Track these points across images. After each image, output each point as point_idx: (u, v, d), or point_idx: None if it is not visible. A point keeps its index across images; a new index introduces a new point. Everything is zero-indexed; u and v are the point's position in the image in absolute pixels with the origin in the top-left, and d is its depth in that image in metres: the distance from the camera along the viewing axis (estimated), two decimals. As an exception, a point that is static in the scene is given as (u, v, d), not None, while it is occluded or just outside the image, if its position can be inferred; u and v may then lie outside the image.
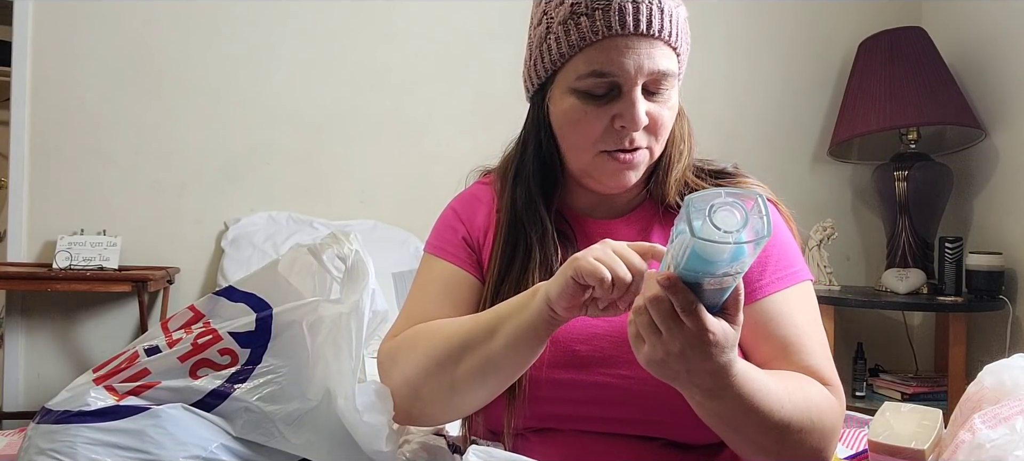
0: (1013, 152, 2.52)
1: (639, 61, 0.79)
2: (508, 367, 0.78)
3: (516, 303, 0.78)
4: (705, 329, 0.61)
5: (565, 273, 0.72)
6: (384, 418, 0.78)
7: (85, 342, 2.66)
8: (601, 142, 0.83)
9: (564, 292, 0.71)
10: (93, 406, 0.74)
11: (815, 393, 0.78)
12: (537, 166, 0.90)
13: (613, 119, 0.81)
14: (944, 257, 2.49)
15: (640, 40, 0.79)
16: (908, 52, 2.59)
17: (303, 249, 0.86)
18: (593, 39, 0.79)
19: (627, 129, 0.81)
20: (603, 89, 0.81)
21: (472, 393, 0.80)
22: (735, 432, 0.73)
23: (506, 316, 0.78)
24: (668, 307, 0.62)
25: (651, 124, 0.83)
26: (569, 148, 0.87)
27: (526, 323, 0.75)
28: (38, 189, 2.63)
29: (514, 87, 0.97)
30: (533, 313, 0.75)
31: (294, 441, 0.79)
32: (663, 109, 0.83)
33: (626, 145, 0.82)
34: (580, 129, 0.83)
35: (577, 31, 0.80)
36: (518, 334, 0.76)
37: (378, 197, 2.82)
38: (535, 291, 0.77)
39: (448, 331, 0.82)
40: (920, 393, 2.45)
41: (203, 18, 2.72)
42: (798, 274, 0.87)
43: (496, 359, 0.77)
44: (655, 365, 0.65)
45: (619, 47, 0.79)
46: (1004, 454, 0.66)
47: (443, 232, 0.96)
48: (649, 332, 0.64)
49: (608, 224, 0.93)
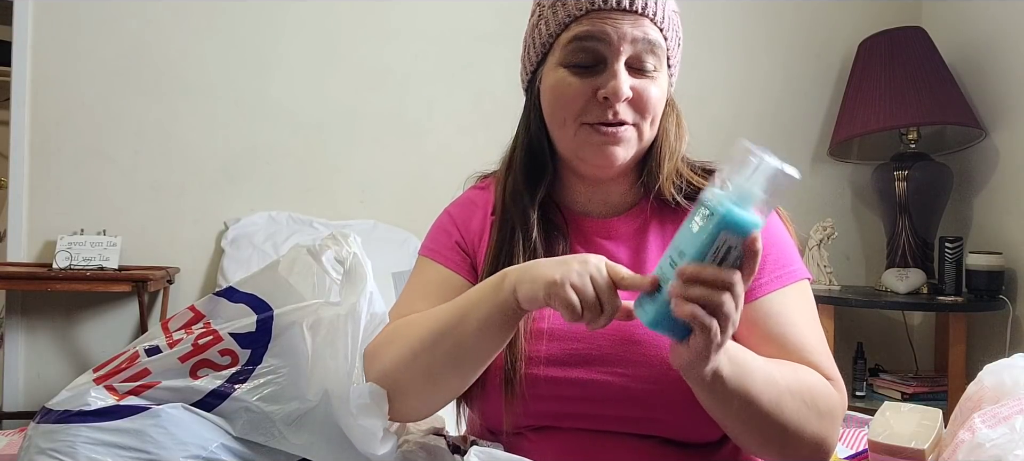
0: (1013, 152, 2.52)
1: (622, 29, 0.82)
2: (480, 352, 0.78)
3: (484, 289, 0.78)
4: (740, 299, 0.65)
5: (537, 287, 0.71)
6: (379, 421, 0.78)
7: (85, 342, 2.67)
8: (585, 114, 0.84)
9: (533, 301, 0.72)
10: (93, 406, 0.75)
11: (809, 376, 0.79)
12: (525, 153, 0.92)
13: (597, 91, 0.83)
14: (944, 257, 2.49)
15: (625, 15, 0.83)
16: (908, 52, 2.59)
17: (303, 250, 0.86)
18: (577, 14, 0.83)
19: (610, 101, 0.83)
20: (589, 60, 0.84)
21: (447, 380, 0.80)
22: (732, 416, 0.75)
23: (476, 301, 0.78)
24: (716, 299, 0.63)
25: (636, 99, 0.84)
26: (555, 125, 0.88)
27: (495, 309, 0.76)
28: (38, 189, 2.63)
29: (513, 87, 0.97)
30: (502, 301, 0.75)
31: (294, 441, 0.79)
32: (649, 86, 0.85)
33: (609, 117, 0.84)
34: (565, 100, 0.85)
35: (564, 9, 0.85)
36: (488, 319, 0.76)
37: (378, 197, 2.82)
38: (503, 276, 0.77)
39: (423, 320, 0.82)
40: (920, 393, 2.45)
41: (203, 18, 2.72)
42: (796, 273, 0.88)
43: (467, 344, 0.77)
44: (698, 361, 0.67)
45: (603, 17, 0.83)
46: (1004, 453, 0.66)
47: (438, 235, 0.97)
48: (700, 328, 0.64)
49: (604, 222, 0.93)
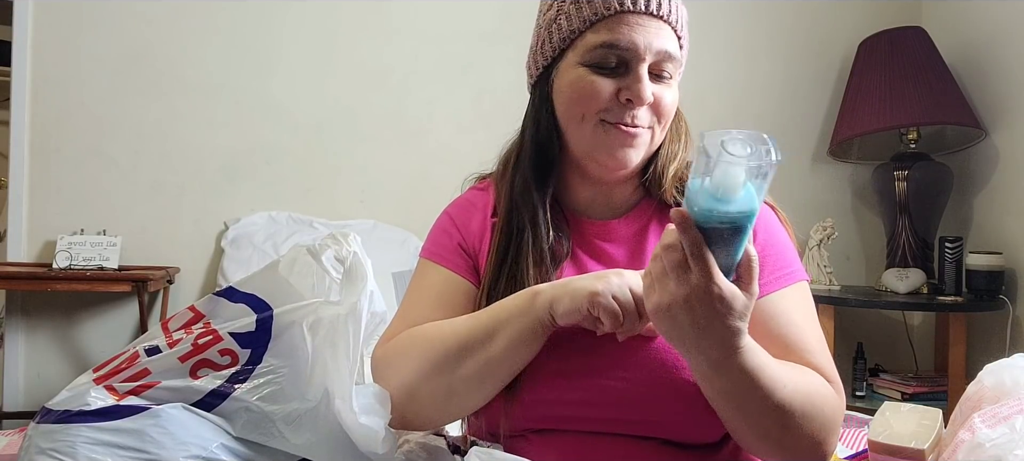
0: (1013, 152, 2.52)
1: (648, 39, 0.83)
2: (507, 368, 0.80)
3: (515, 306, 0.79)
4: (711, 278, 0.63)
5: (580, 299, 0.75)
6: (381, 421, 0.78)
7: (85, 342, 2.67)
8: (605, 112, 0.85)
9: (572, 314, 0.75)
10: (93, 406, 0.74)
11: (815, 381, 0.79)
12: (533, 150, 0.92)
13: (619, 92, 0.84)
14: (944, 257, 2.49)
15: (649, 19, 0.83)
16: (908, 52, 2.59)
17: (303, 249, 0.86)
18: (605, 14, 0.83)
19: (633, 103, 0.84)
20: (612, 62, 0.84)
21: (470, 395, 0.81)
22: (739, 411, 0.74)
23: (505, 319, 0.79)
24: (679, 254, 0.64)
25: (655, 105, 0.86)
26: (572, 121, 0.88)
27: (527, 328, 0.77)
28: (38, 189, 2.63)
29: (514, 86, 0.97)
30: (534, 318, 0.77)
31: (294, 441, 0.79)
32: (666, 92, 0.86)
33: (627, 119, 0.85)
34: (586, 97, 0.85)
35: (589, 7, 0.84)
36: (519, 337, 0.77)
37: (378, 197, 2.82)
38: (534, 294, 0.78)
39: (445, 334, 0.82)
40: (920, 393, 2.45)
41: (203, 18, 2.71)
42: (795, 274, 0.88)
43: (495, 361, 0.78)
44: (662, 314, 0.67)
45: (630, 23, 0.83)
46: (1004, 453, 0.66)
47: (439, 238, 0.96)
48: (659, 277, 0.66)
49: (605, 224, 0.93)
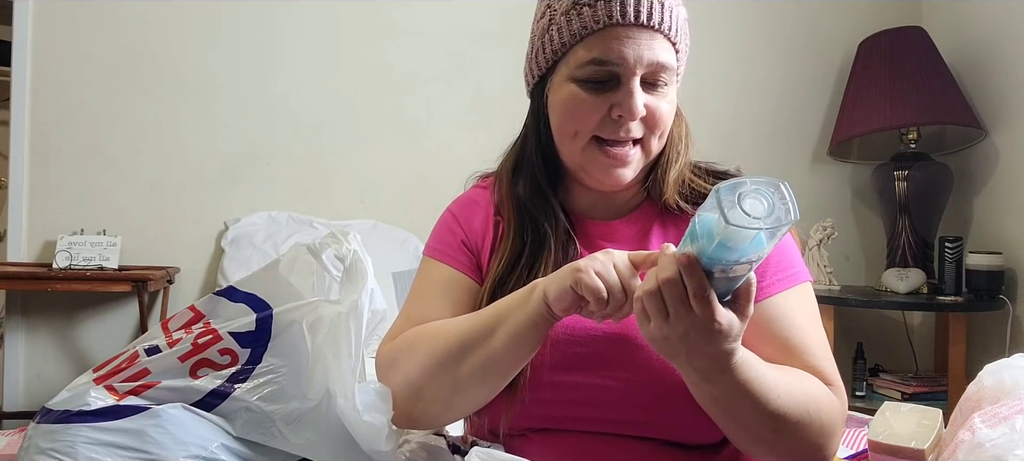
0: (1013, 152, 2.52)
1: (639, 51, 0.81)
2: (509, 364, 0.79)
3: (514, 300, 0.79)
4: (713, 319, 0.63)
5: (564, 280, 0.73)
6: (384, 418, 0.78)
7: (85, 342, 2.67)
8: (597, 129, 0.84)
9: (562, 297, 0.73)
10: (93, 406, 0.74)
11: (813, 387, 0.78)
12: (541, 158, 0.91)
13: (611, 108, 0.83)
14: (944, 257, 2.49)
15: (640, 31, 0.81)
16: (908, 52, 2.59)
17: (303, 248, 0.86)
18: (594, 27, 0.81)
19: (624, 119, 0.82)
20: (603, 77, 0.82)
21: (474, 391, 0.81)
22: (730, 417, 0.74)
23: (505, 314, 0.78)
24: (680, 291, 0.63)
25: (648, 117, 0.84)
26: (563, 137, 0.87)
27: (526, 320, 0.76)
28: (38, 189, 2.63)
29: (514, 87, 0.97)
30: (532, 310, 0.76)
31: (294, 441, 0.79)
32: (661, 103, 0.84)
33: (621, 135, 0.83)
34: (577, 116, 0.84)
35: (579, 20, 0.82)
36: (518, 331, 0.77)
37: (378, 197, 2.82)
38: (532, 288, 0.78)
39: (448, 331, 0.82)
40: (920, 393, 2.45)
41: (203, 18, 2.72)
42: (798, 275, 0.88)
43: (497, 357, 0.78)
44: (656, 342, 0.67)
45: (620, 36, 0.80)
46: (1004, 453, 0.66)
47: (442, 235, 0.96)
48: (657, 313, 0.65)
49: (608, 225, 0.93)
